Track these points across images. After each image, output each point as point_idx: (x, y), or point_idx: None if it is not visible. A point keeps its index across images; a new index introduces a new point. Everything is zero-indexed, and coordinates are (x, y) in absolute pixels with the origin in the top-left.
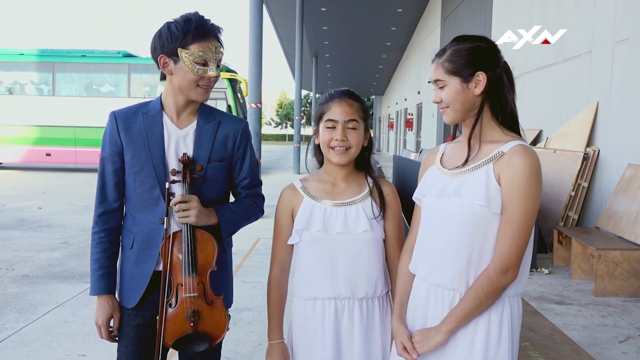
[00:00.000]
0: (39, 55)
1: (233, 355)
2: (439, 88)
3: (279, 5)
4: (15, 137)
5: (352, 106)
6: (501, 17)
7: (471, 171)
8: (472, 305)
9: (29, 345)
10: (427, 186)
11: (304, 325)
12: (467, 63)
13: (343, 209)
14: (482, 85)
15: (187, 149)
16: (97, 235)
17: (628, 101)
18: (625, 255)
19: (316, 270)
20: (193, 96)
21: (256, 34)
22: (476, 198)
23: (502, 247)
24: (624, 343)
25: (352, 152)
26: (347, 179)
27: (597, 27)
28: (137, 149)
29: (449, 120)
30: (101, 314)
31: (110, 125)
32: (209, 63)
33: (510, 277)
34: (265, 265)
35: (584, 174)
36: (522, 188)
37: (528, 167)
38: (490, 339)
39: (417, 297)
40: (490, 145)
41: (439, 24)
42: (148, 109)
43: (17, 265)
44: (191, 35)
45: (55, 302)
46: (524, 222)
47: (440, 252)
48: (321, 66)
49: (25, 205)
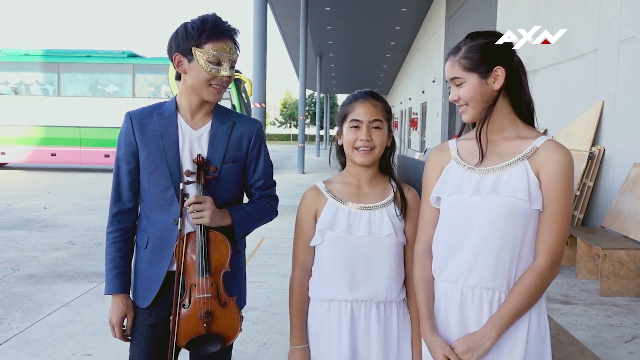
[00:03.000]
0: (44, 55)
1: (237, 354)
2: (456, 86)
3: (283, 5)
4: (20, 137)
5: (376, 106)
6: (506, 16)
7: (506, 167)
8: (524, 303)
9: (34, 344)
10: (451, 185)
11: (320, 327)
12: (484, 58)
13: (368, 212)
14: (501, 80)
15: (202, 150)
16: (112, 235)
17: (634, 100)
18: (630, 255)
19: (335, 271)
20: (205, 96)
21: (260, 33)
22: (517, 193)
23: (550, 241)
24: (630, 343)
25: (376, 152)
26: (371, 182)
27: (602, 26)
28: (152, 149)
29: (469, 118)
30: (115, 313)
31: (125, 126)
32: (223, 63)
33: (557, 270)
34: (270, 265)
35: (590, 173)
36: (565, 182)
37: (568, 162)
38: (531, 335)
39: (449, 303)
40: (517, 142)
41: (444, 23)
42: (163, 109)
43: (22, 265)
44: (206, 35)
45: (60, 302)
46: (568, 216)
47: (478, 251)
48: (325, 66)
49: (31, 205)
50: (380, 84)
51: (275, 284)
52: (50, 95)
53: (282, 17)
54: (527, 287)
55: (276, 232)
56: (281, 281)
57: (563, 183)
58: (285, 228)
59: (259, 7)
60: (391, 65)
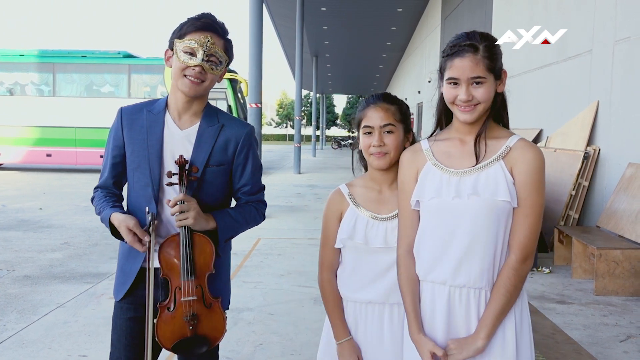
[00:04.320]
0: (39, 56)
1: (234, 355)
2: (473, 85)
3: (279, 5)
4: (15, 138)
5: (388, 110)
6: (501, 17)
7: (483, 168)
8: (505, 301)
9: (29, 345)
10: (431, 189)
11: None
12: (499, 60)
13: (385, 223)
14: (504, 83)
15: (186, 151)
16: (99, 192)
17: (628, 100)
18: (626, 254)
19: (355, 275)
20: (180, 86)
21: (256, 34)
22: (498, 194)
23: (521, 237)
24: (625, 342)
25: (390, 156)
26: (392, 185)
27: (597, 26)
28: (137, 145)
29: (474, 118)
30: (125, 221)
31: (116, 121)
32: (197, 53)
33: (530, 264)
34: (266, 265)
35: (585, 173)
36: (536, 179)
37: (540, 160)
38: (517, 329)
39: (435, 303)
40: (492, 141)
41: (439, 23)
42: (153, 106)
43: (17, 266)
44: (187, 27)
45: (56, 303)
46: (539, 212)
47: (465, 252)
48: (321, 66)
49: (26, 206)
50: (376, 84)
51: (271, 284)
52: (46, 95)
53: (278, 17)
54: (504, 284)
55: (272, 233)
56: (277, 281)
57: (535, 180)
58: (282, 228)
59: (254, 7)
60: (387, 65)
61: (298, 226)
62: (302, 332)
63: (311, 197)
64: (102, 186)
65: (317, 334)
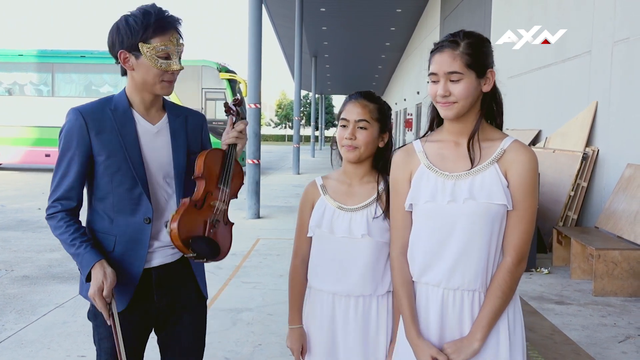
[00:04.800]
0: (38, 55)
1: (233, 355)
2: (450, 81)
3: (278, 6)
4: (14, 138)
5: (365, 107)
6: (501, 17)
7: (478, 172)
8: (500, 302)
9: (28, 346)
10: (425, 192)
11: (311, 311)
12: (482, 58)
13: (350, 214)
14: (490, 83)
15: (163, 147)
16: (63, 220)
17: (627, 101)
18: (624, 255)
19: (321, 264)
20: (158, 91)
21: (255, 34)
22: (494, 198)
23: (516, 240)
24: (624, 343)
25: (360, 151)
26: (362, 180)
27: (596, 27)
28: (112, 148)
29: (453, 115)
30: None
31: (78, 124)
32: (172, 56)
33: (524, 266)
34: (265, 265)
35: (583, 174)
36: (530, 182)
37: (533, 162)
38: (510, 331)
39: (429, 305)
40: (486, 144)
41: (439, 23)
42: (115, 104)
43: (16, 266)
44: (152, 29)
45: (54, 303)
46: (533, 214)
47: (462, 254)
48: (320, 66)
49: (25, 206)
50: (375, 84)
51: (270, 285)
52: (45, 95)
53: (277, 17)
54: (500, 285)
55: (271, 233)
56: (276, 282)
57: (529, 183)
58: (281, 229)
59: (254, 8)
60: (386, 66)
61: None
62: None
63: None
64: (63, 198)
65: None
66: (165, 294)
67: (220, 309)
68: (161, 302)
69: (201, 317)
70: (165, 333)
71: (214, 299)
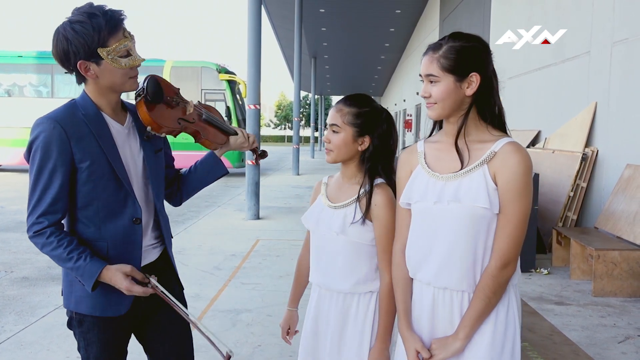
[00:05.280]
0: (37, 57)
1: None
2: (429, 82)
3: (277, 7)
4: (14, 139)
5: (340, 111)
6: (500, 18)
7: (466, 174)
8: (482, 305)
9: (27, 347)
10: (418, 192)
11: (309, 302)
12: (463, 62)
13: (332, 210)
14: (474, 87)
15: (135, 146)
16: (51, 236)
17: (626, 101)
18: (624, 256)
19: (312, 257)
20: (127, 88)
21: (255, 35)
22: (478, 201)
23: (501, 244)
24: (623, 343)
25: (334, 153)
26: (352, 180)
27: (595, 28)
28: (94, 153)
29: (434, 115)
30: (121, 267)
31: (56, 133)
32: (131, 52)
33: (510, 270)
34: (264, 266)
35: (583, 174)
36: (518, 186)
37: (523, 166)
38: (498, 331)
39: (423, 302)
40: (478, 145)
41: (438, 24)
42: (84, 109)
43: (15, 267)
44: (106, 31)
45: (54, 304)
46: (521, 219)
47: (447, 255)
48: (320, 67)
49: (25, 207)
50: (374, 85)
51: (269, 286)
52: (44, 97)
53: (276, 18)
54: (482, 289)
55: (270, 234)
56: (275, 283)
57: (516, 187)
58: (280, 230)
59: (253, 9)
60: (386, 66)
61: (296, 227)
62: (301, 334)
63: (310, 198)
64: (48, 213)
65: None
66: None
67: (220, 310)
68: (149, 299)
69: (184, 305)
70: (151, 328)
71: (213, 299)
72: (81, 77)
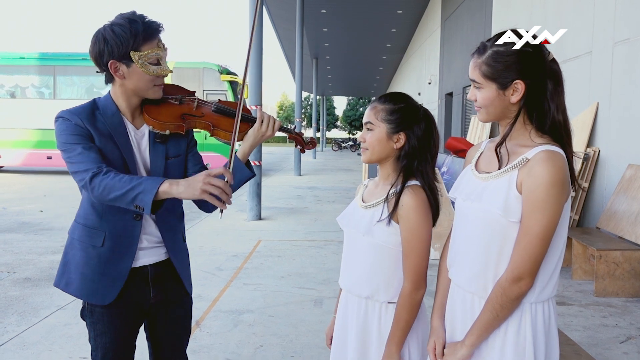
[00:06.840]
0: (39, 58)
1: (234, 357)
2: (475, 87)
3: (279, 7)
4: (16, 141)
5: (374, 109)
6: (501, 18)
7: (497, 177)
8: (490, 316)
9: (30, 348)
10: (460, 187)
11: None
12: (506, 70)
13: (362, 210)
14: (519, 94)
15: (146, 150)
16: (109, 171)
17: (628, 101)
18: (626, 256)
19: (342, 259)
20: (151, 95)
21: (256, 36)
22: (493, 205)
23: (515, 256)
24: (625, 343)
25: (369, 152)
26: (387, 180)
27: (597, 28)
28: (109, 147)
29: (482, 119)
30: (199, 175)
31: (74, 121)
32: (161, 61)
33: (523, 286)
34: (266, 267)
35: (585, 175)
36: (540, 198)
37: (549, 177)
38: (507, 349)
39: (450, 297)
40: (517, 150)
41: (439, 25)
42: (103, 108)
43: (18, 268)
44: (141, 37)
45: (56, 305)
46: (540, 233)
47: (462, 254)
48: (322, 68)
49: (27, 208)
50: (376, 86)
51: (271, 286)
52: (46, 98)
53: (278, 19)
54: (491, 299)
55: (272, 235)
56: (277, 283)
57: (538, 198)
58: (282, 230)
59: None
60: (387, 67)
61: (298, 228)
62: (303, 334)
63: (311, 199)
64: (99, 161)
65: (317, 335)
66: (161, 290)
67: (222, 311)
68: (157, 297)
69: (188, 310)
70: (156, 326)
71: (215, 300)
72: (110, 76)
